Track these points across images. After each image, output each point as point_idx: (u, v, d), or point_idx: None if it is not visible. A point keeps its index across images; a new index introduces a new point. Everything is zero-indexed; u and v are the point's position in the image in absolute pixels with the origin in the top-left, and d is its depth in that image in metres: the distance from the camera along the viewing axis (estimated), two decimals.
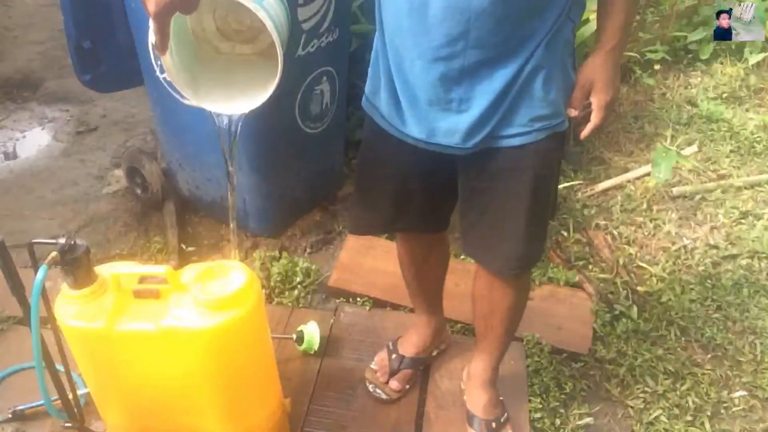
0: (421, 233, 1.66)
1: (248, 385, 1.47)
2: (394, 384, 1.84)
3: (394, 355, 1.88)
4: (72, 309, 1.27)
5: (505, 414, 1.75)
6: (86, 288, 1.26)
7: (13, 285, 1.26)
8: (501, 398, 1.77)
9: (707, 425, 1.83)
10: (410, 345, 1.88)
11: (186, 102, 1.40)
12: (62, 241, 1.21)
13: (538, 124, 1.29)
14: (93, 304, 1.27)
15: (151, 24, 1.17)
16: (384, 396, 1.81)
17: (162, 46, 1.21)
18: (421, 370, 1.91)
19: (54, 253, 1.20)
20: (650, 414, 1.85)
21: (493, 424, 1.72)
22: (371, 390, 1.83)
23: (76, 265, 1.23)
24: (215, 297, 1.27)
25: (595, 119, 1.32)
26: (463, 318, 2.03)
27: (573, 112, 1.32)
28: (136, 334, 1.28)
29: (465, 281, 2.05)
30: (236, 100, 1.39)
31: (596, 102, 1.31)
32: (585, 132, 1.35)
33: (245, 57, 1.52)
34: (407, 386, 1.86)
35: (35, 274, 1.21)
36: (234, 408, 1.45)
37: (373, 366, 1.88)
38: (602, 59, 1.28)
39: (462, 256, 2.14)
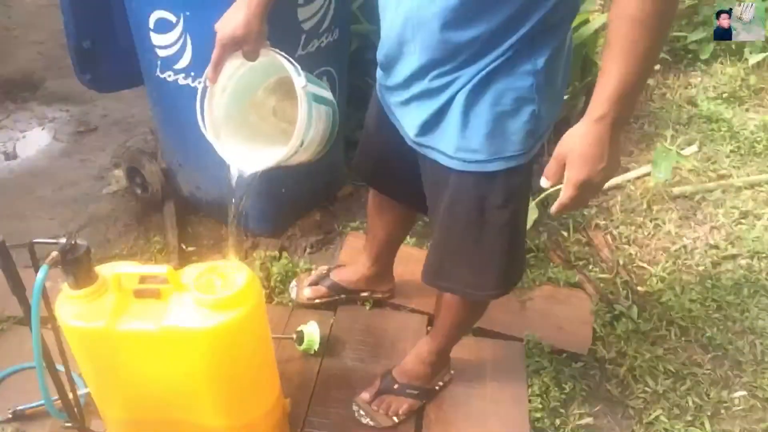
0: (395, 200, 1.76)
1: (249, 386, 1.47)
2: (307, 291, 2.08)
3: (324, 273, 2.11)
4: (73, 309, 1.27)
5: (411, 400, 1.78)
6: (87, 288, 1.26)
7: (13, 285, 1.26)
8: (427, 387, 1.81)
9: (707, 425, 1.83)
10: (341, 272, 2.09)
11: (206, 136, 1.51)
12: (63, 241, 1.21)
13: (461, 154, 1.28)
14: (94, 304, 1.27)
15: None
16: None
17: (214, 75, 1.40)
18: (339, 299, 2.08)
19: (55, 253, 1.20)
20: (650, 414, 1.85)
21: (395, 386, 1.79)
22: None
23: (76, 265, 1.23)
24: (216, 297, 1.27)
25: (562, 196, 1.15)
26: None
27: (544, 182, 1.18)
28: (136, 334, 1.28)
29: None
30: (248, 158, 1.49)
31: (567, 177, 1.13)
32: (552, 209, 1.20)
33: (274, 128, 1.62)
34: (317, 300, 2.07)
35: (36, 274, 1.21)
36: (234, 408, 1.45)
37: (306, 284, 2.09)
38: (584, 130, 1.09)
39: None
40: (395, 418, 1.77)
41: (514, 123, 1.24)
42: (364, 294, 2.09)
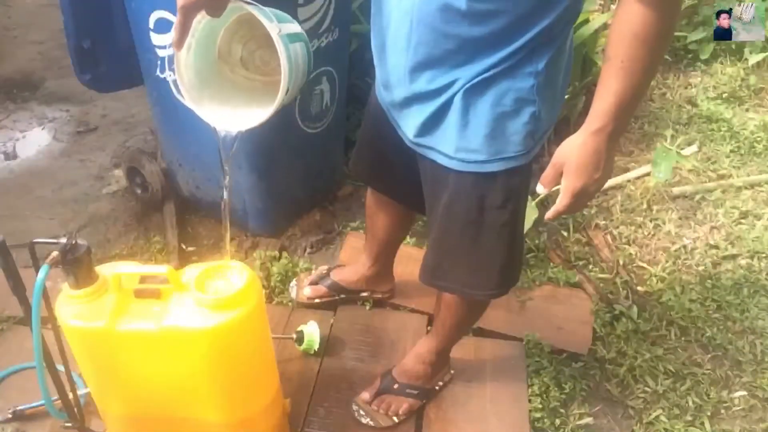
0: (393, 200, 1.77)
1: (249, 386, 1.47)
2: (307, 290, 2.08)
3: (324, 273, 2.11)
4: (73, 309, 1.27)
5: (412, 400, 1.78)
6: (87, 288, 1.26)
7: (14, 285, 1.26)
8: (427, 387, 1.81)
9: (707, 425, 1.83)
10: (341, 272, 2.09)
11: (186, 103, 1.43)
12: (63, 240, 1.21)
13: (461, 155, 1.29)
14: (94, 303, 1.27)
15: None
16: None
17: (179, 40, 1.26)
18: (337, 299, 2.09)
19: (55, 253, 1.20)
20: (650, 414, 1.86)
21: (395, 386, 1.78)
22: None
23: (77, 265, 1.23)
24: (216, 297, 1.27)
25: (558, 204, 1.19)
26: None
27: (540, 189, 1.21)
28: (137, 333, 1.28)
29: None
30: (232, 118, 1.43)
31: (564, 185, 1.17)
32: (548, 215, 1.23)
33: (252, 83, 1.56)
34: (316, 300, 2.07)
35: (36, 273, 1.21)
36: (234, 408, 1.45)
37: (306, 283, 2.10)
38: (582, 140, 1.12)
39: None
40: (395, 418, 1.77)
41: (514, 124, 1.24)
42: (364, 294, 2.09)
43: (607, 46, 1.07)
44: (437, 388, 1.85)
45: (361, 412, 1.78)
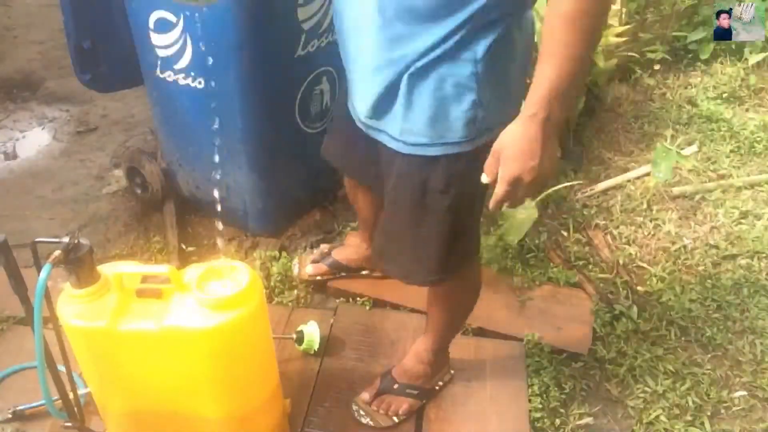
0: (373, 191, 1.76)
1: (249, 385, 1.47)
2: (309, 268, 2.14)
3: (326, 251, 2.16)
4: (75, 308, 1.28)
5: (411, 400, 1.79)
6: (89, 287, 1.27)
7: (15, 284, 1.26)
8: (426, 387, 1.81)
9: (707, 425, 1.83)
10: (342, 251, 2.15)
11: None
12: (66, 240, 1.21)
13: (405, 137, 1.32)
14: (96, 303, 1.27)
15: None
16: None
17: None
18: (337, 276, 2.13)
19: (58, 252, 1.20)
20: (650, 414, 1.85)
21: (395, 386, 1.79)
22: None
23: (79, 265, 1.24)
24: (218, 297, 1.28)
25: (496, 192, 1.19)
26: None
27: (484, 178, 1.22)
28: (138, 333, 1.29)
29: None
30: None
31: (500, 173, 1.17)
32: (489, 204, 1.23)
33: None
34: (318, 277, 2.13)
35: (38, 273, 1.21)
36: (235, 408, 1.45)
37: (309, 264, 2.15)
38: (518, 126, 1.14)
39: None
40: (395, 418, 1.77)
41: (454, 110, 1.27)
42: (365, 272, 2.14)
43: (542, 32, 1.10)
44: (437, 388, 1.85)
45: (361, 413, 1.78)
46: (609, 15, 1.08)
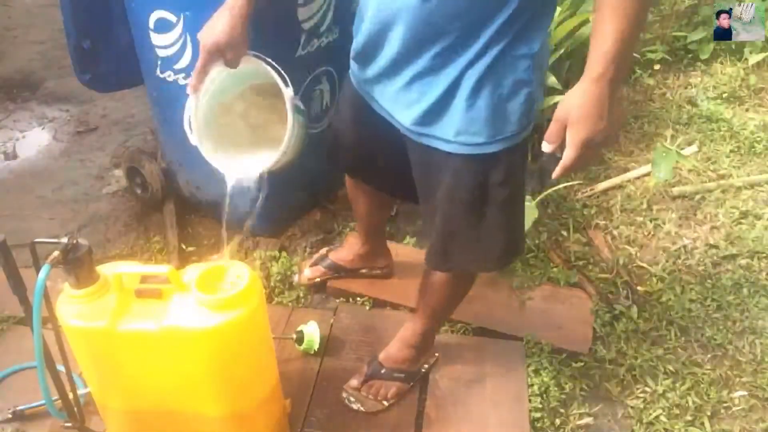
0: (380, 191, 1.81)
1: (249, 385, 1.47)
2: (307, 272, 2.15)
3: (323, 254, 2.18)
4: (74, 308, 1.28)
5: (399, 383, 1.82)
6: (88, 287, 1.27)
7: (14, 284, 1.26)
8: (412, 370, 1.84)
9: (707, 425, 1.83)
10: (338, 252, 2.16)
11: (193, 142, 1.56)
12: (65, 240, 1.21)
13: (461, 138, 1.32)
14: (95, 303, 1.27)
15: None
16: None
17: (197, 83, 1.41)
18: (338, 276, 2.15)
19: (57, 253, 1.20)
20: (650, 414, 1.85)
21: (382, 371, 1.82)
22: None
23: (78, 265, 1.24)
24: (217, 297, 1.28)
25: (565, 158, 1.19)
26: (464, 318, 2.03)
27: (546, 147, 1.22)
28: (138, 333, 1.29)
29: None
30: (231, 165, 1.55)
31: (569, 137, 1.17)
32: (555, 173, 1.23)
33: (245, 133, 1.67)
34: (317, 279, 2.13)
35: (37, 273, 1.21)
36: (235, 408, 1.45)
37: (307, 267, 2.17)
38: (583, 89, 1.14)
39: None
40: (385, 402, 1.80)
41: (512, 105, 1.29)
42: (363, 271, 2.15)
43: None
44: (423, 370, 1.88)
45: (351, 399, 1.80)
46: None
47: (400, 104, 1.38)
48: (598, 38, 1.10)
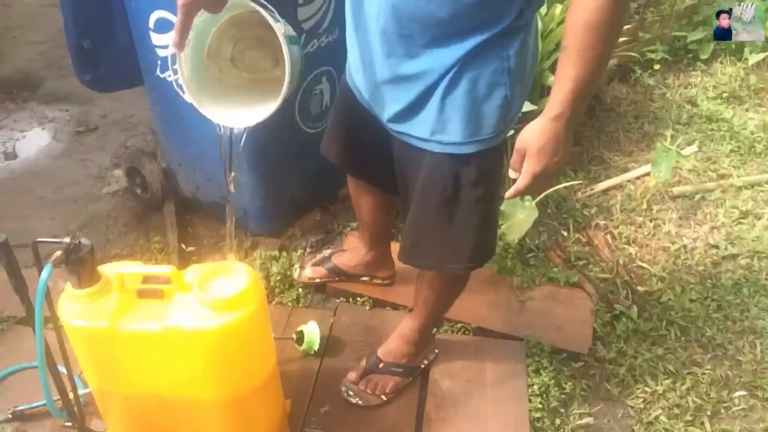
0: (369, 184, 1.81)
1: (250, 386, 1.47)
2: (308, 271, 2.14)
3: (327, 255, 2.16)
4: (75, 308, 1.28)
5: (397, 378, 1.82)
6: (90, 287, 1.27)
7: (16, 284, 1.27)
8: (411, 365, 1.85)
9: (707, 425, 1.83)
10: (342, 256, 2.14)
11: (189, 100, 1.48)
12: (67, 240, 1.21)
13: (437, 137, 1.35)
14: (97, 303, 1.27)
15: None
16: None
17: (180, 40, 1.32)
18: (339, 280, 2.13)
19: (59, 252, 1.20)
20: (650, 414, 1.86)
21: (381, 365, 1.83)
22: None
23: (80, 265, 1.24)
24: (219, 297, 1.28)
25: (518, 183, 1.26)
26: (464, 318, 2.03)
27: (512, 173, 1.27)
28: (139, 334, 1.29)
29: None
30: (232, 116, 1.49)
31: (525, 167, 1.23)
32: (508, 193, 1.30)
33: (240, 80, 1.61)
34: (317, 280, 2.12)
35: (39, 273, 1.21)
36: (235, 408, 1.45)
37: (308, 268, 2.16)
38: (542, 126, 1.19)
39: None
40: (383, 397, 1.81)
41: (487, 107, 1.31)
42: (365, 278, 2.13)
43: (564, 36, 1.13)
44: (422, 366, 1.88)
45: (350, 393, 1.81)
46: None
47: (380, 101, 1.41)
48: (561, 79, 1.14)
